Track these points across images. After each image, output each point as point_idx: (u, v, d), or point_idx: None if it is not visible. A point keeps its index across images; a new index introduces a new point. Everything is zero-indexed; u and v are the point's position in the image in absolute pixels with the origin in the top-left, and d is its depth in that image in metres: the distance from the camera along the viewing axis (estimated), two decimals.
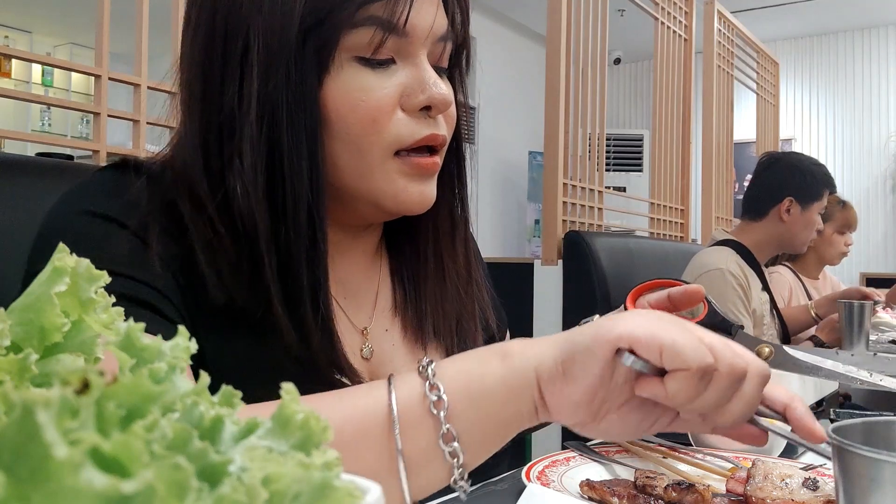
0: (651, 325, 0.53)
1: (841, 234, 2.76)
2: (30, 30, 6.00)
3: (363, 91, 0.67)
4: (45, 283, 0.26)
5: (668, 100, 3.47)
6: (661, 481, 0.69)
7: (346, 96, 0.67)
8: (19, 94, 2.38)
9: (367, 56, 0.67)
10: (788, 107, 6.56)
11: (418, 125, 0.69)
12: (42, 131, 6.03)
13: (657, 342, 0.52)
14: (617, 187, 4.50)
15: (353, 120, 0.67)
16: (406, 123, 0.69)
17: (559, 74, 2.59)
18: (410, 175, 0.70)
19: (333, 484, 0.21)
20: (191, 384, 0.23)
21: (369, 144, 0.68)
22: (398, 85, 0.68)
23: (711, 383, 0.53)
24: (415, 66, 0.69)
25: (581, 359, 0.54)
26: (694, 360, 0.52)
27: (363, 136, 0.67)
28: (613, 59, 6.50)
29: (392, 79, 0.68)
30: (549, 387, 0.55)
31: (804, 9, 5.98)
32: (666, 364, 0.52)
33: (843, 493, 0.47)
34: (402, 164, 0.69)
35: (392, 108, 0.68)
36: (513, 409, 0.56)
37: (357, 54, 0.67)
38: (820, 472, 0.75)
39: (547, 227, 2.56)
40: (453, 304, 0.79)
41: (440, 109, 0.70)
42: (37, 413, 0.16)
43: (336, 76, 0.67)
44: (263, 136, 0.66)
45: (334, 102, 0.67)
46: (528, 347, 0.57)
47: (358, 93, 0.67)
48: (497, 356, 0.57)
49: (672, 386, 0.52)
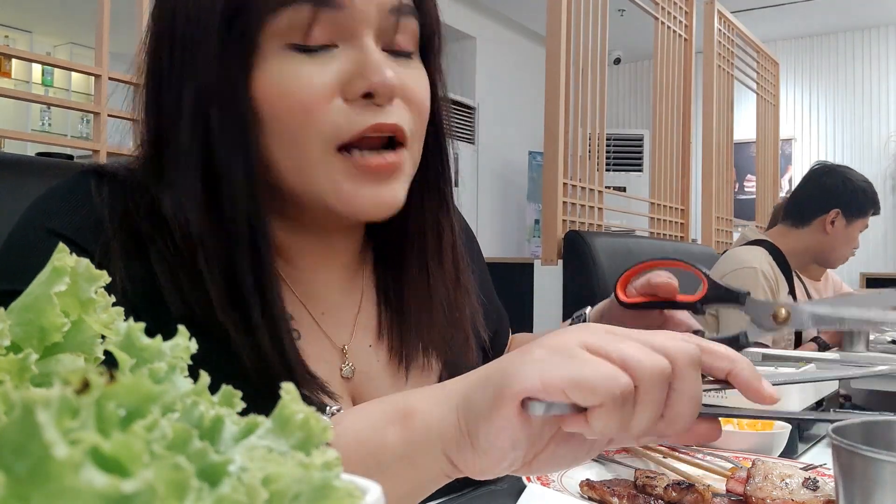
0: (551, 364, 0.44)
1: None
2: (30, 30, 5.99)
3: (295, 79, 0.60)
4: (44, 283, 0.26)
5: (668, 100, 3.47)
6: (661, 481, 0.69)
7: (278, 86, 0.60)
8: (19, 94, 2.38)
9: (301, 41, 0.61)
10: (788, 107, 6.56)
11: (360, 114, 0.61)
12: (42, 131, 6.03)
13: (557, 385, 0.43)
14: (617, 187, 4.50)
15: (286, 111, 0.61)
16: (345, 113, 0.61)
17: (559, 74, 2.58)
18: (358, 177, 0.62)
19: (333, 484, 0.21)
20: (191, 384, 0.23)
21: (305, 138, 0.61)
22: (338, 71, 0.61)
23: (638, 403, 0.44)
24: (357, 49, 0.62)
25: (485, 430, 0.45)
26: (605, 392, 0.43)
27: (297, 128, 0.61)
28: (613, 59, 6.50)
29: (331, 64, 0.61)
30: (459, 458, 0.47)
31: (804, 9, 5.98)
32: (577, 402, 0.43)
33: (843, 493, 0.47)
34: (347, 163, 0.62)
35: (329, 96, 0.61)
36: (414, 479, 0.49)
37: (289, 40, 0.61)
38: (820, 472, 0.75)
39: (547, 227, 2.56)
40: (441, 315, 0.73)
41: (385, 96, 0.61)
42: (37, 413, 0.16)
43: (265, 65, 0.61)
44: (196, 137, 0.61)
45: (265, 94, 0.61)
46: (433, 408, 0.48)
47: (290, 81, 0.60)
48: (397, 420, 0.49)
49: (596, 423, 0.44)
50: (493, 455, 0.46)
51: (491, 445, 0.46)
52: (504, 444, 0.45)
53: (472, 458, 0.47)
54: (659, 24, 3.38)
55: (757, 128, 4.61)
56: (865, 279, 5.05)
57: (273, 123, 0.61)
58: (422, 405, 0.49)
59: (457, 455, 0.47)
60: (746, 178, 6.08)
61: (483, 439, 0.46)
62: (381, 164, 0.62)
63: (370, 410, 0.52)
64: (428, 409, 0.49)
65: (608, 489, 0.69)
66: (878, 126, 6.35)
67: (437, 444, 0.48)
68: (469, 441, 0.46)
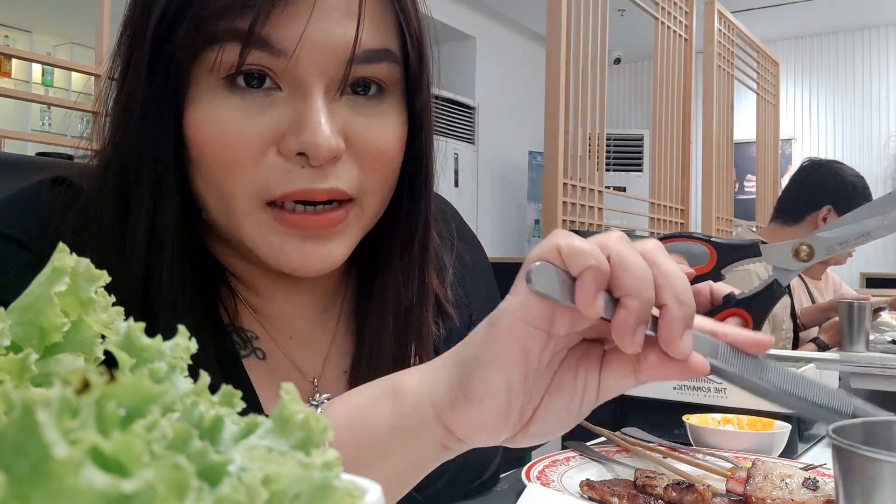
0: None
1: None
2: (30, 30, 5.99)
3: (226, 124, 0.55)
4: (44, 282, 0.26)
5: (668, 100, 3.47)
6: (661, 481, 0.69)
7: (208, 129, 0.55)
8: (19, 94, 2.38)
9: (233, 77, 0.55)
10: (788, 107, 6.56)
11: (291, 173, 0.55)
12: (42, 131, 6.03)
13: (552, 248, 0.42)
14: (617, 187, 4.50)
15: (212, 158, 0.55)
16: (277, 170, 0.55)
17: (559, 74, 2.58)
18: (285, 233, 0.57)
19: (333, 484, 0.21)
20: (191, 384, 0.23)
21: (231, 189, 0.56)
22: (275, 122, 0.55)
23: (618, 264, 0.41)
24: (300, 100, 0.55)
25: (480, 372, 0.44)
26: (594, 252, 0.41)
27: (223, 178, 0.56)
28: (613, 59, 6.50)
29: (269, 112, 0.55)
30: (454, 419, 0.45)
31: (804, 9, 5.98)
32: (569, 266, 0.41)
33: (843, 493, 0.47)
34: (274, 217, 0.56)
35: (261, 148, 0.55)
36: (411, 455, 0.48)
37: (221, 76, 0.55)
38: (820, 472, 0.75)
39: (547, 227, 2.56)
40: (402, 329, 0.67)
41: (320, 159, 0.54)
42: (37, 412, 0.16)
43: (198, 100, 0.55)
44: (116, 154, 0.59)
45: (195, 133, 0.56)
46: (425, 376, 0.47)
47: (220, 126, 0.55)
48: (389, 395, 0.48)
49: (586, 288, 0.41)
50: (490, 405, 0.44)
51: (486, 391, 0.44)
52: (499, 385, 0.43)
53: (468, 413, 0.45)
54: (659, 24, 3.38)
55: (757, 128, 4.61)
56: (865, 279, 5.05)
57: (201, 166, 0.57)
58: (410, 377, 0.48)
59: (451, 416, 0.45)
60: (746, 178, 6.08)
61: (478, 384, 0.44)
62: (312, 222, 0.57)
63: (359, 392, 0.51)
64: (417, 380, 0.48)
65: (608, 489, 0.69)
66: (878, 126, 6.35)
67: (429, 409, 0.46)
68: (462, 394, 0.45)
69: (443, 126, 5.50)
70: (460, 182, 5.60)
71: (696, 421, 0.92)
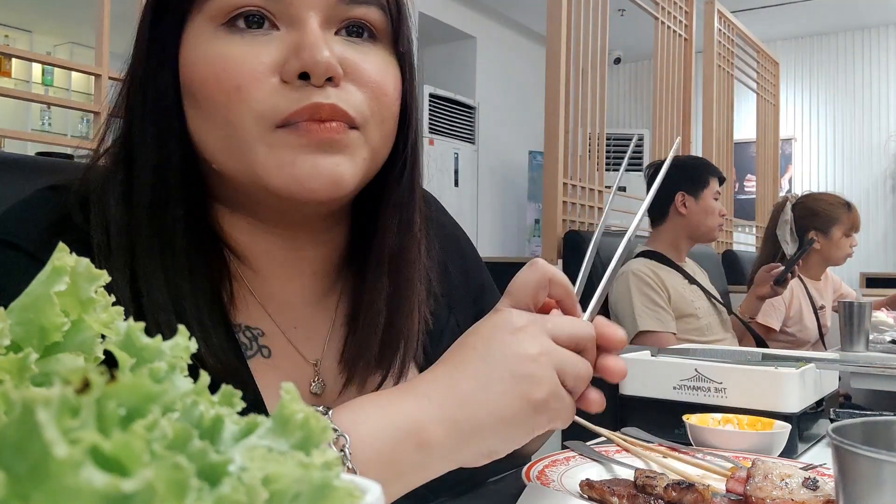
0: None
1: (847, 237, 2.77)
2: (30, 29, 5.99)
3: (227, 57, 0.59)
4: (44, 282, 0.26)
5: (668, 100, 3.47)
6: (661, 481, 0.69)
7: (208, 64, 0.59)
8: (19, 94, 2.38)
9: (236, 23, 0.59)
10: (788, 107, 6.57)
11: (296, 94, 0.59)
12: (42, 131, 6.03)
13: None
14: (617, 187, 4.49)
15: (216, 89, 0.59)
16: (282, 92, 0.59)
17: (559, 74, 2.59)
18: (298, 147, 0.59)
19: (333, 484, 0.21)
20: (191, 384, 0.23)
21: (237, 115, 0.59)
22: (275, 52, 0.59)
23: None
24: (297, 31, 0.59)
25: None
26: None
27: (229, 106, 0.59)
28: (613, 59, 6.50)
29: (268, 46, 0.59)
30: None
31: (804, 9, 5.98)
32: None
33: (843, 493, 0.47)
34: (286, 135, 0.59)
35: (263, 74, 0.58)
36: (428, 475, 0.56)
37: (223, 21, 0.59)
38: (820, 472, 0.75)
39: (547, 227, 2.56)
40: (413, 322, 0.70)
41: (320, 76, 0.58)
42: (37, 412, 0.16)
43: (197, 45, 0.60)
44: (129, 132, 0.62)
45: (195, 73, 0.60)
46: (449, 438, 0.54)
47: (220, 59, 0.59)
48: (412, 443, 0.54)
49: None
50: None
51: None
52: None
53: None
54: (659, 23, 3.38)
55: (757, 128, 4.61)
56: (865, 279, 5.05)
57: (204, 103, 0.60)
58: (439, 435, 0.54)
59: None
60: (746, 177, 6.08)
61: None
62: (323, 131, 0.59)
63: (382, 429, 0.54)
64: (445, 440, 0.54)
65: (608, 489, 0.69)
66: (878, 126, 6.35)
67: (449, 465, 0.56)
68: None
69: (443, 126, 5.50)
70: (460, 182, 5.60)
71: (696, 421, 0.92)
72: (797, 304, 2.70)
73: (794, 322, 2.68)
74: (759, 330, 2.57)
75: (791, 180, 6.62)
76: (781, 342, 2.65)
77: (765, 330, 2.59)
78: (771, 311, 2.60)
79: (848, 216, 2.75)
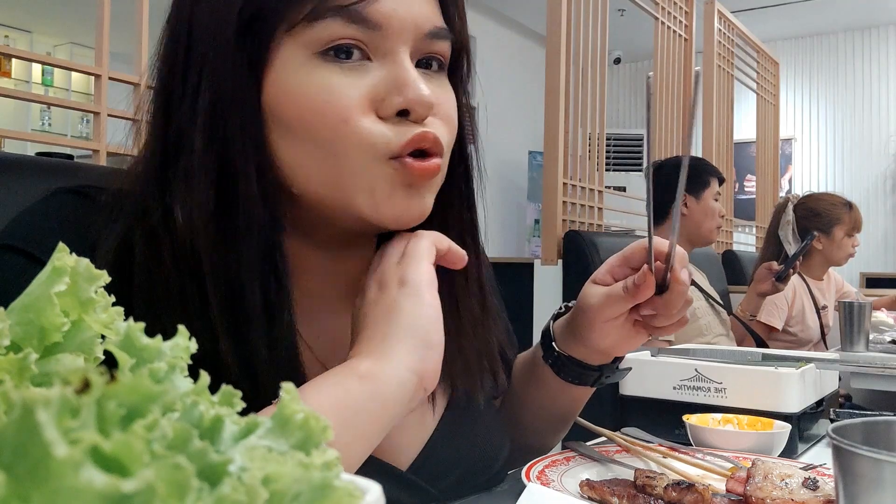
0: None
1: (849, 237, 2.77)
2: (30, 30, 5.99)
3: (328, 88, 0.58)
4: (44, 282, 0.26)
5: (668, 100, 3.47)
6: (661, 481, 0.69)
7: (308, 95, 0.58)
8: (19, 94, 2.38)
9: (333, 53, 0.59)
10: (788, 107, 6.57)
11: (401, 127, 0.60)
12: (42, 131, 6.03)
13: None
14: (617, 187, 4.50)
15: (318, 121, 0.58)
16: (385, 128, 0.59)
17: (559, 74, 2.59)
18: (397, 182, 0.60)
19: (333, 484, 0.21)
20: (191, 384, 0.23)
21: (344, 148, 0.59)
22: (372, 85, 0.59)
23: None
24: (392, 65, 0.60)
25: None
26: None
27: (335, 139, 0.59)
28: (613, 59, 6.50)
29: (364, 78, 0.59)
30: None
31: (804, 9, 5.98)
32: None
33: (843, 493, 0.47)
34: (392, 167, 0.60)
35: (366, 108, 0.59)
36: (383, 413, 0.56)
37: (319, 50, 0.59)
38: (820, 472, 0.75)
39: (547, 227, 2.56)
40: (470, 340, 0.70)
41: (420, 113, 0.60)
42: (37, 412, 0.16)
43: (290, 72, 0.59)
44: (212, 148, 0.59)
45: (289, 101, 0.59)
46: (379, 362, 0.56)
47: (322, 91, 0.58)
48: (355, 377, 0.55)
49: None
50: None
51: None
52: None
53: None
54: (659, 24, 3.38)
55: (757, 128, 4.61)
56: (865, 279, 5.05)
57: (303, 133, 0.59)
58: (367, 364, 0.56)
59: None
60: (746, 178, 6.08)
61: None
62: (422, 169, 0.60)
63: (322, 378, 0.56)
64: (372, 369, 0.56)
65: (608, 489, 0.69)
66: (878, 126, 6.35)
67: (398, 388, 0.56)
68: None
69: None
70: None
71: (696, 421, 0.92)
72: (799, 303, 2.70)
73: (796, 322, 2.69)
74: (762, 329, 2.57)
75: (791, 180, 6.62)
76: (783, 342, 2.65)
77: (767, 329, 2.60)
78: (773, 311, 2.60)
79: (849, 216, 2.76)
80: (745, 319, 2.56)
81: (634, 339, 0.76)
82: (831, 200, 2.79)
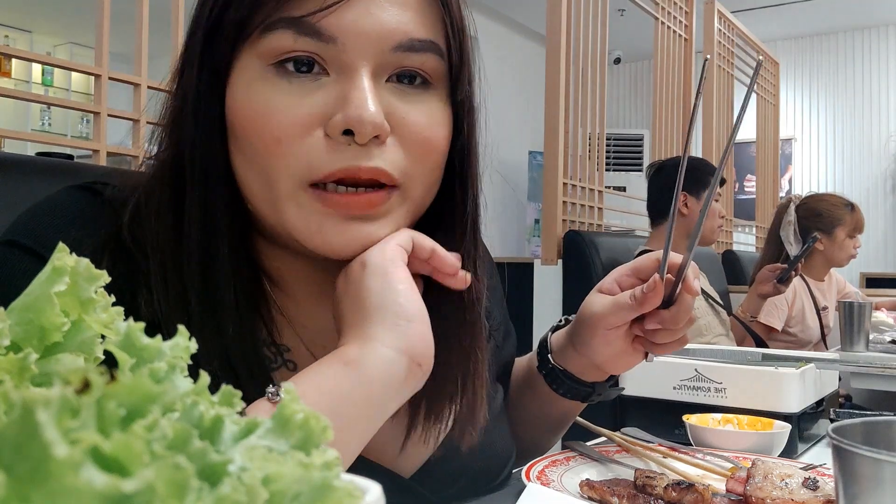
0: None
1: (851, 238, 2.77)
2: (30, 30, 6.00)
3: (271, 105, 0.56)
4: (44, 282, 0.26)
5: (668, 100, 3.47)
6: (661, 481, 0.69)
7: (252, 109, 0.56)
8: (19, 94, 2.38)
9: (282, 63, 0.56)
10: (788, 107, 6.56)
11: (336, 153, 0.56)
12: (42, 131, 6.03)
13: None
14: (617, 187, 4.50)
15: (256, 138, 0.56)
16: (321, 149, 0.56)
17: (559, 74, 2.58)
18: (327, 213, 0.57)
19: (333, 484, 0.21)
20: (191, 384, 0.23)
21: (274, 170, 0.56)
22: (322, 103, 0.56)
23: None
24: (347, 80, 0.56)
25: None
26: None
27: (267, 158, 0.56)
28: (613, 59, 6.50)
29: (316, 94, 0.56)
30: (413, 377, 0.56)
31: (804, 9, 5.98)
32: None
33: (843, 493, 0.47)
34: (316, 198, 0.57)
35: (307, 128, 0.56)
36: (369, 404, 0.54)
37: (272, 60, 0.56)
38: (820, 472, 0.75)
39: (547, 227, 2.56)
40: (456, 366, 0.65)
41: (364, 134, 0.55)
42: (37, 412, 0.16)
43: (245, 83, 0.57)
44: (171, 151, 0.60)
45: (239, 114, 0.57)
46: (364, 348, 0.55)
47: (265, 106, 0.56)
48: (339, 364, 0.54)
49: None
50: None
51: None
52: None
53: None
54: (659, 23, 3.38)
55: (757, 128, 4.61)
56: (865, 279, 5.05)
57: (245, 149, 0.58)
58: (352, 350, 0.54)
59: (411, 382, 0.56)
60: (746, 178, 6.08)
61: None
62: (351, 202, 0.57)
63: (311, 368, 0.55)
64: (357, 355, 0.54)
65: (608, 489, 0.69)
66: (878, 126, 6.35)
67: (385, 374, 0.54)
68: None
69: None
70: None
71: (696, 421, 0.92)
72: (800, 304, 2.70)
73: (796, 322, 2.69)
74: (761, 330, 2.57)
75: (791, 180, 6.62)
76: (783, 342, 2.65)
77: (767, 330, 2.60)
78: (773, 311, 2.60)
79: (851, 217, 2.76)
80: (745, 320, 2.56)
81: (631, 356, 0.76)
82: (833, 201, 2.79)
